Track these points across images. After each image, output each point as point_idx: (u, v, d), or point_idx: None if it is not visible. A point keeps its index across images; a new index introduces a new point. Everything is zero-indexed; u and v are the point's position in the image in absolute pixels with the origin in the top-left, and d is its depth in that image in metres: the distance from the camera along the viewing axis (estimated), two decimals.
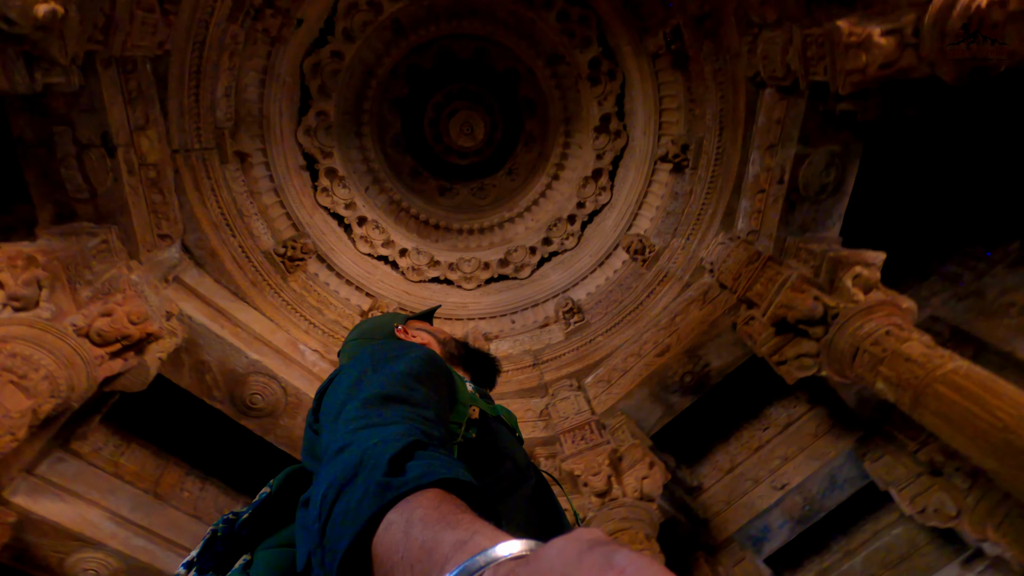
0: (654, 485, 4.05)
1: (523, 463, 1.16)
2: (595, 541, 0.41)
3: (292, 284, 4.54)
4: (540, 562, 0.41)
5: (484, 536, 0.52)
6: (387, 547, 0.59)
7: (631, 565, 0.36)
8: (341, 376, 1.07)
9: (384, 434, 0.78)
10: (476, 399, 1.20)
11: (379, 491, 0.65)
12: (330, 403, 1.01)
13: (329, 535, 0.66)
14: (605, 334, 5.00)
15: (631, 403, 4.63)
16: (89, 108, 3.19)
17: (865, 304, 3.61)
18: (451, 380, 1.17)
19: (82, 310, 2.97)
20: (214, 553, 0.93)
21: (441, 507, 0.62)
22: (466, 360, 1.51)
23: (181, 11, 3.47)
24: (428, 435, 0.86)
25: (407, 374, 1.03)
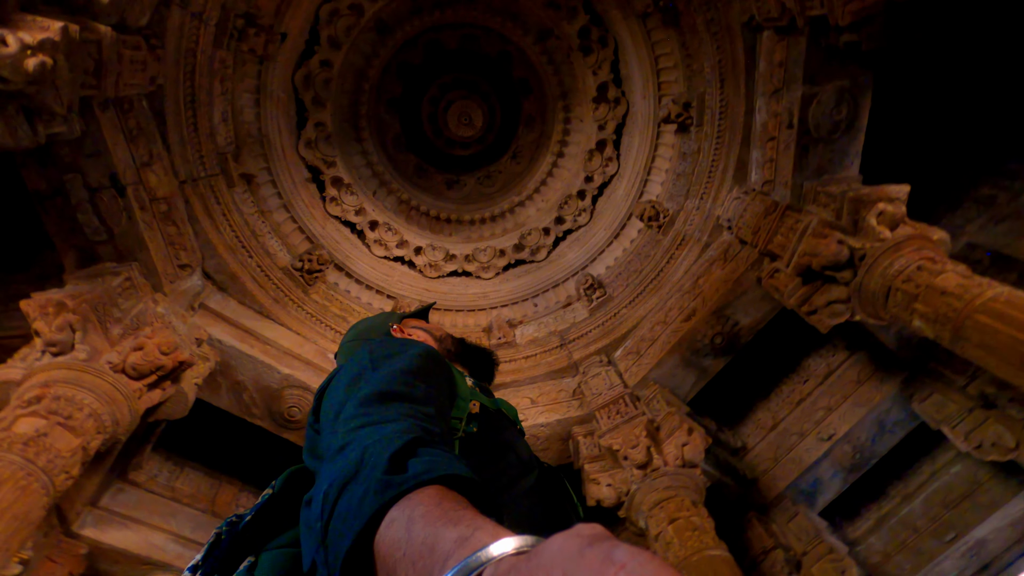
0: (695, 451, 4.01)
1: (526, 455, 1.16)
2: (596, 537, 0.41)
3: (314, 296, 4.62)
4: (541, 557, 0.41)
5: (485, 532, 0.53)
6: (389, 545, 0.60)
7: (631, 561, 0.36)
8: (340, 375, 1.08)
9: (384, 432, 0.79)
10: (476, 394, 1.20)
11: (380, 489, 0.65)
12: (330, 402, 1.02)
13: (331, 534, 0.67)
14: (629, 306, 4.95)
15: (663, 372, 4.58)
16: (94, 152, 3.28)
17: (893, 241, 3.46)
18: (450, 375, 1.17)
19: (115, 347, 3.09)
20: (219, 556, 0.94)
21: (442, 504, 0.62)
22: (463, 356, 1.52)
23: (167, 44, 3.52)
24: (428, 432, 0.86)
25: (406, 371, 1.03)
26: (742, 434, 5.12)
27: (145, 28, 3.38)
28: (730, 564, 3.34)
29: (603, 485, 4.14)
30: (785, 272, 4.00)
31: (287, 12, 4.21)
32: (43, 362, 2.84)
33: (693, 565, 3.32)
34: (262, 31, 4.05)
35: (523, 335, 5.20)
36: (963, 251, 4.37)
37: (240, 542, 0.95)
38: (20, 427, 2.51)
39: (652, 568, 0.35)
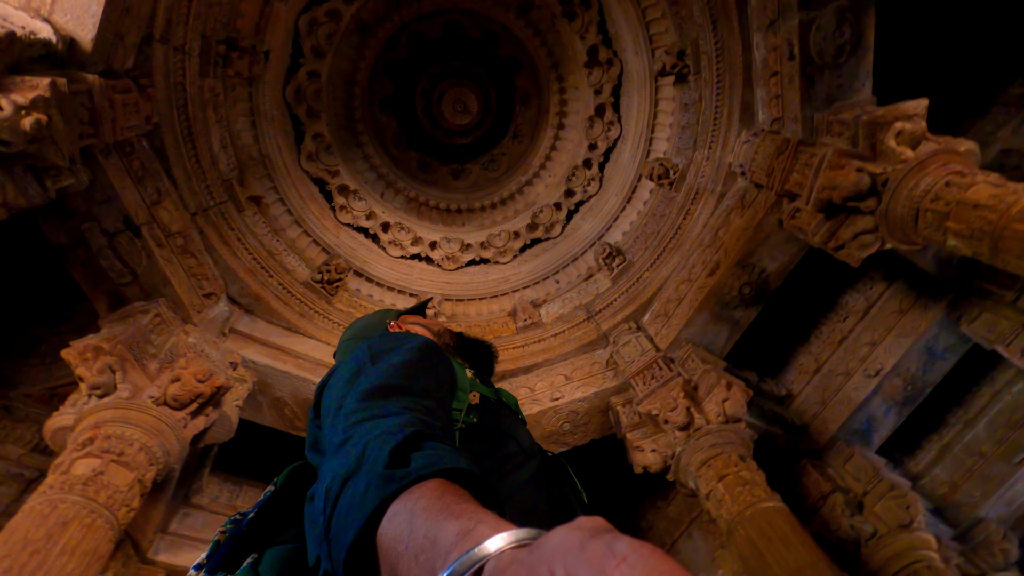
0: (736, 405, 3.94)
1: (528, 444, 1.16)
2: (597, 529, 0.41)
3: (338, 305, 4.70)
4: (542, 550, 0.41)
5: (487, 525, 0.53)
6: (391, 538, 0.60)
7: (633, 553, 0.36)
8: (339, 370, 1.09)
9: (385, 426, 0.79)
10: (476, 384, 1.20)
11: (382, 483, 0.66)
12: (330, 398, 1.03)
13: (334, 528, 0.68)
14: (651, 268, 4.86)
15: (694, 330, 4.50)
16: (105, 199, 3.39)
17: (915, 160, 3.28)
18: (450, 367, 1.18)
19: (155, 382, 3.21)
20: (223, 553, 0.96)
21: (444, 497, 0.62)
22: (462, 349, 1.52)
23: (156, 82, 3.58)
24: (429, 425, 0.86)
25: (406, 364, 1.04)
26: (785, 382, 5.00)
27: (132, 70, 3.44)
28: (785, 514, 3.29)
29: (648, 451, 4.12)
30: (806, 210, 3.85)
31: (267, 29, 4.22)
32: (90, 405, 2.99)
33: (747, 520, 3.28)
34: (245, 53, 4.08)
35: (549, 313, 5.18)
36: (997, 159, 4.12)
37: (243, 539, 0.96)
38: (78, 469, 2.65)
39: (654, 560, 0.35)
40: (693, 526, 5.15)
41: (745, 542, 3.23)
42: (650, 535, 5.46)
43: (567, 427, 4.66)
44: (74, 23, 3.02)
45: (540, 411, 4.62)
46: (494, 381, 4.16)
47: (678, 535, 5.20)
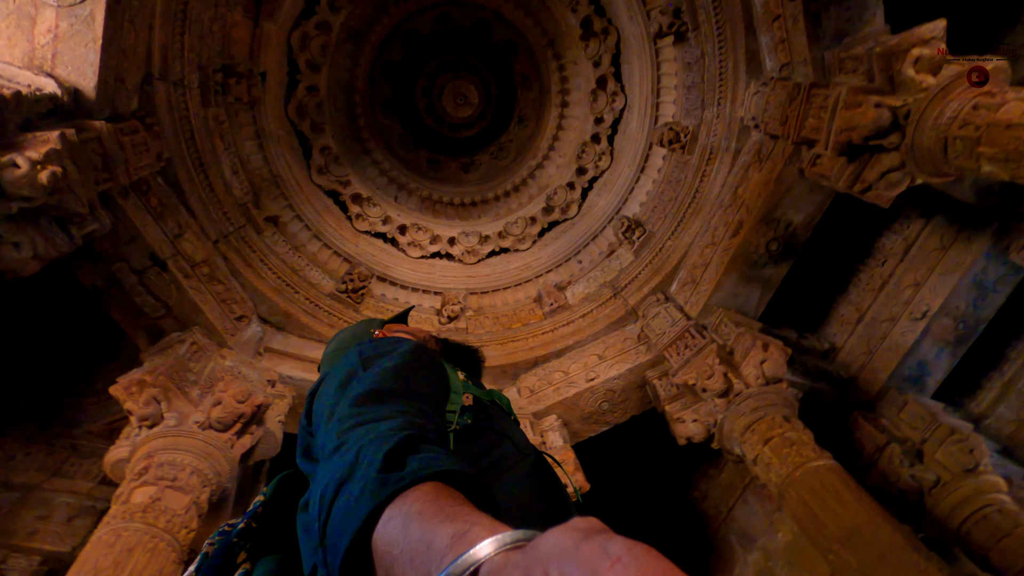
0: (775, 365, 3.82)
1: (522, 444, 1.15)
2: (591, 530, 0.42)
3: (365, 312, 4.78)
4: (537, 552, 0.41)
5: (482, 527, 0.53)
6: (387, 542, 0.61)
7: (627, 553, 0.36)
8: (330, 377, 1.10)
9: (379, 430, 0.80)
10: (468, 386, 1.20)
11: (377, 487, 0.66)
12: (322, 404, 1.03)
13: (330, 533, 0.68)
14: (672, 237, 4.75)
15: (724, 294, 4.38)
16: (129, 238, 3.52)
17: (938, 87, 3.08)
18: (442, 370, 1.18)
19: (198, 407, 3.35)
20: (213, 565, 0.96)
21: (439, 500, 0.63)
22: (448, 354, 1.52)
23: (161, 119, 3.68)
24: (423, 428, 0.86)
25: (398, 368, 1.04)
26: (827, 335, 4.83)
27: (137, 111, 3.55)
28: (837, 471, 3.19)
29: (689, 422, 4.05)
30: (827, 155, 3.67)
31: (260, 51, 4.28)
32: (142, 436, 3.14)
33: (797, 481, 3.19)
34: (242, 78, 4.15)
35: (574, 295, 5.14)
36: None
37: (233, 550, 0.96)
38: (136, 497, 2.80)
39: (647, 560, 0.36)
40: (747, 491, 5.06)
41: (797, 504, 3.15)
42: (704, 505, 5.40)
43: (605, 406, 4.63)
44: (76, 74, 3.12)
45: (577, 393, 4.60)
46: (522, 369, 4.08)
47: (733, 502, 5.13)
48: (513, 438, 1.14)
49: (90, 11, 3.03)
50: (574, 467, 4.16)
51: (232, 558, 0.95)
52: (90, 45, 3.08)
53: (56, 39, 3.04)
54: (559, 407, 4.61)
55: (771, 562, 4.55)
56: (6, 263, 2.80)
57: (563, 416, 4.61)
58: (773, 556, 4.56)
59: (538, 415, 4.58)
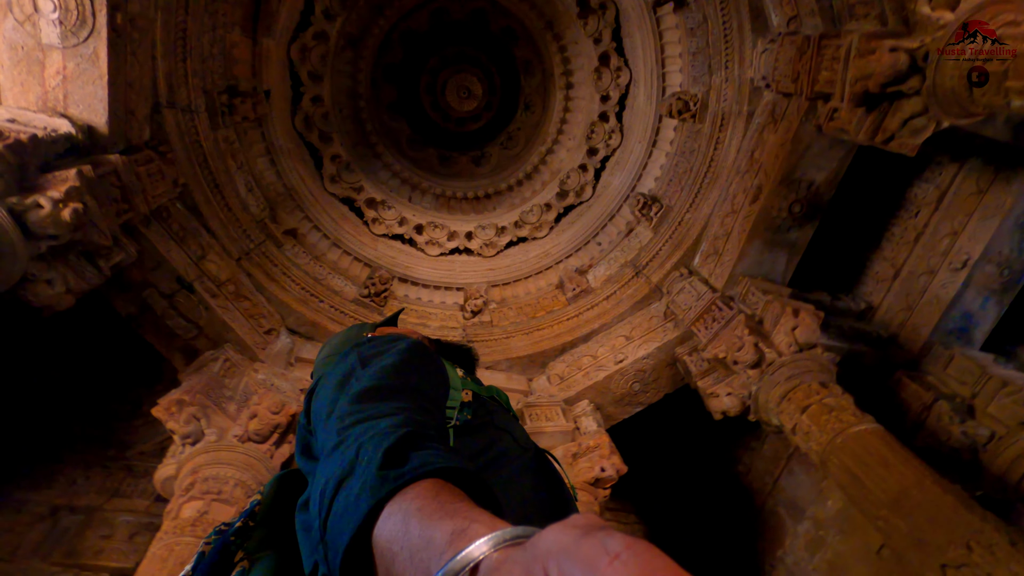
0: (807, 331, 3.71)
1: (522, 438, 1.15)
2: (591, 527, 0.42)
3: (388, 313, 4.83)
4: (536, 549, 0.42)
5: (482, 524, 0.53)
6: (387, 539, 0.61)
7: (626, 550, 0.36)
8: (329, 376, 1.10)
9: (379, 427, 0.80)
10: (467, 382, 1.20)
11: (377, 484, 0.66)
12: (321, 403, 1.04)
13: (330, 530, 0.69)
14: (690, 209, 4.63)
15: (749, 263, 4.26)
16: (155, 265, 3.64)
17: (956, 20, 2.90)
18: (441, 366, 1.17)
19: (236, 421, 3.45)
20: (209, 563, 0.96)
21: (439, 497, 0.63)
22: (442, 353, 1.51)
23: (174, 146, 3.78)
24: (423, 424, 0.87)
25: (397, 365, 1.05)
26: (862, 295, 4.65)
27: (150, 140, 3.65)
28: (880, 435, 3.08)
29: (723, 396, 3.98)
30: (844, 108, 3.51)
31: (262, 68, 4.34)
32: (186, 453, 3.26)
33: (839, 447, 3.09)
34: (247, 96, 4.22)
35: (596, 278, 5.08)
36: None
37: (230, 549, 0.97)
38: (185, 512, 2.92)
39: (647, 557, 0.36)
40: (792, 461, 4.94)
41: (841, 471, 3.06)
42: (749, 478, 5.31)
43: (637, 387, 4.58)
44: (88, 111, 3.23)
45: (607, 376, 4.56)
46: (550, 356, 4.03)
47: (778, 473, 5.02)
48: (513, 433, 1.14)
49: (93, 49, 3.11)
50: (610, 450, 4.14)
51: (229, 557, 0.96)
52: (97, 82, 3.18)
53: (65, 80, 3.14)
54: (590, 392, 4.58)
55: (822, 531, 4.45)
56: (42, 300, 2.93)
57: (595, 400, 4.58)
58: (824, 525, 4.46)
59: (569, 401, 4.56)
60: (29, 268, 2.82)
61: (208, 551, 0.96)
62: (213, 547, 0.96)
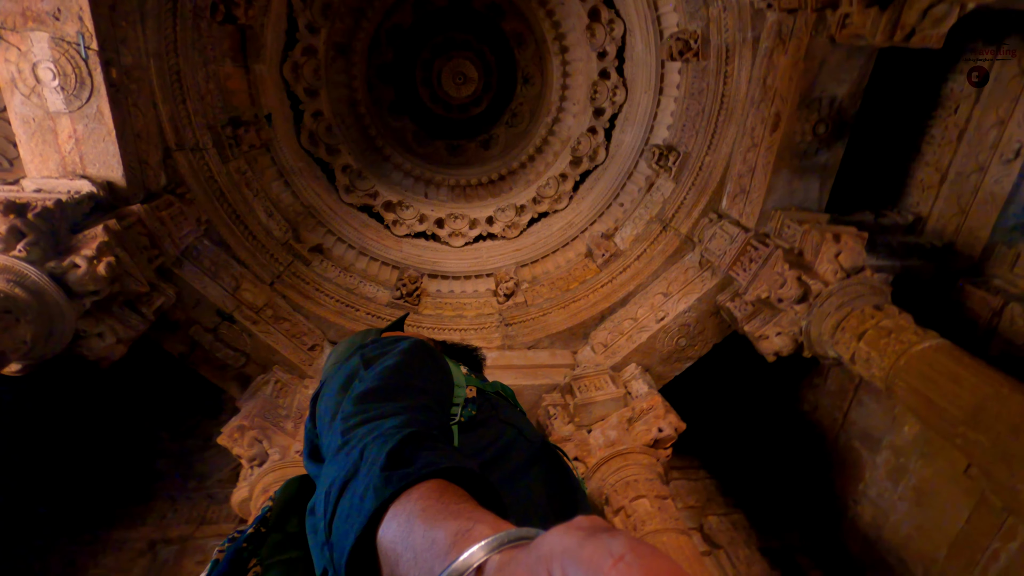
0: (852, 254, 3.51)
1: (528, 431, 1.14)
2: (595, 528, 0.42)
3: (424, 311, 4.89)
4: (540, 550, 0.42)
5: (485, 525, 0.54)
6: (392, 540, 0.61)
7: (630, 552, 0.37)
8: (333, 379, 1.12)
9: (383, 428, 0.80)
10: (471, 379, 1.20)
11: (381, 485, 0.67)
12: (325, 406, 1.05)
13: (335, 532, 0.70)
14: (709, 152, 4.45)
15: (779, 195, 4.06)
16: (195, 302, 3.79)
17: None
18: (443, 364, 1.17)
19: (296, 438, 3.58)
20: (221, 572, 0.96)
21: (443, 497, 0.63)
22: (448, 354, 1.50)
23: (191, 186, 3.90)
24: (427, 424, 0.87)
25: (399, 365, 1.05)
26: (908, 207, 4.37)
27: (167, 185, 3.78)
28: (945, 349, 2.89)
29: (773, 337, 3.83)
30: (855, 11, 3.27)
31: (259, 94, 4.40)
32: (255, 475, 3.41)
33: (902, 370, 2.93)
34: (250, 125, 4.30)
35: (624, 239, 4.97)
36: None
37: (241, 556, 0.97)
38: None
39: (650, 558, 0.36)
40: (860, 392, 4.74)
41: (908, 393, 2.90)
42: (816, 416, 5.13)
43: (683, 342, 4.48)
44: (105, 169, 3.36)
45: (650, 336, 4.48)
46: (590, 326, 3.95)
47: (847, 406, 4.83)
48: (519, 427, 1.13)
49: (97, 107, 3.23)
50: (665, 410, 4.07)
51: (241, 564, 0.96)
52: (107, 138, 3.30)
53: (78, 142, 3.28)
54: (636, 354, 4.51)
55: (902, 458, 4.26)
56: (96, 353, 3.09)
57: (642, 362, 4.51)
58: (903, 452, 4.27)
59: (616, 367, 4.51)
60: (79, 326, 2.99)
61: (221, 559, 0.97)
62: (226, 555, 0.97)
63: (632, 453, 3.90)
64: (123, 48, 3.34)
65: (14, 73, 3.09)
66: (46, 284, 2.76)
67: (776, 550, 4.67)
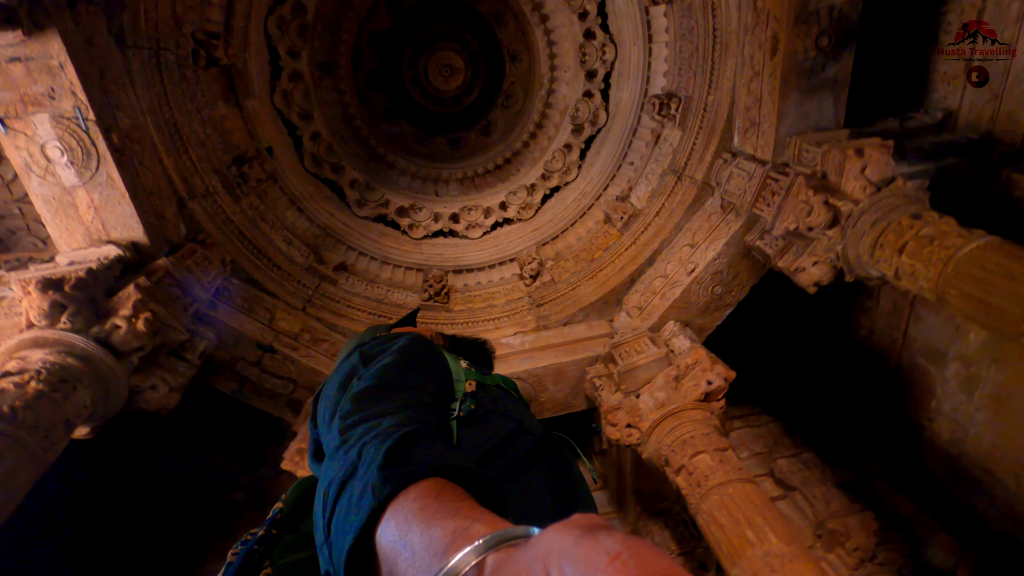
0: (880, 165, 3.31)
1: (530, 423, 1.12)
2: (592, 526, 0.42)
3: (455, 307, 4.93)
4: (536, 548, 0.42)
5: (483, 523, 0.54)
6: (390, 539, 0.62)
7: (627, 550, 0.37)
8: (332, 378, 1.13)
9: (381, 426, 0.81)
10: (471, 373, 1.19)
11: (379, 484, 0.68)
12: (325, 405, 1.06)
13: (334, 531, 0.71)
14: (711, 91, 4.28)
15: (792, 120, 3.87)
16: (235, 340, 3.93)
17: None
18: (441, 359, 1.17)
19: None
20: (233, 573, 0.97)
21: (441, 496, 0.64)
22: (456, 349, 1.50)
23: (209, 231, 4.03)
24: (425, 422, 0.87)
25: (396, 363, 1.06)
26: (935, 104, 4.09)
27: (188, 234, 3.92)
28: (995, 245, 2.70)
29: (809, 268, 3.68)
30: None
31: (256, 129, 4.49)
32: None
33: (952, 276, 2.76)
34: (253, 160, 4.40)
35: (640, 198, 4.85)
36: None
37: (253, 558, 0.98)
38: None
39: (647, 557, 0.36)
40: (916, 307, 4.52)
41: (962, 300, 2.73)
42: (874, 340, 4.92)
43: (719, 290, 4.36)
44: (126, 230, 3.50)
45: (684, 290, 4.38)
46: (622, 292, 3.87)
47: (905, 325, 4.61)
48: (519, 419, 1.11)
49: (106, 174, 3.36)
50: (711, 362, 3.99)
51: (254, 565, 0.98)
52: (122, 201, 3.43)
53: (97, 210, 3.43)
54: (672, 311, 4.42)
55: (972, 368, 4.05)
56: (153, 404, 3.26)
57: (680, 318, 4.42)
58: (972, 361, 4.05)
59: (654, 328, 4.44)
60: (132, 382, 3.15)
61: (234, 561, 0.98)
62: (238, 557, 0.98)
63: (684, 411, 3.84)
64: (119, 112, 3.45)
65: (26, 158, 3.25)
66: (94, 349, 2.92)
67: (854, 482, 4.54)
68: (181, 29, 3.81)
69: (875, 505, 4.47)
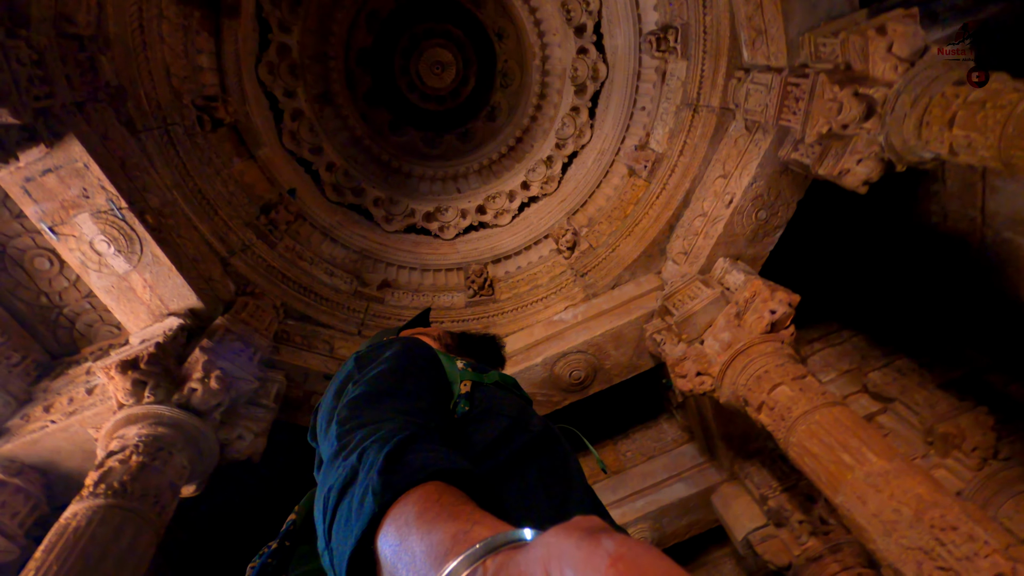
0: (907, 36, 2.98)
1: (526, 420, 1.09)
2: (592, 528, 0.42)
3: (501, 297, 4.94)
4: (538, 549, 0.43)
5: (484, 526, 0.55)
6: (391, 544, 0.63)
7: (628, 551, 0.37)
8: (330, 388, 1.14)
9: (379, 432, 0.81)
10: (467, 373, 1.17)
11: (379, 490, 0.68)
12: (323, 415, 1.07)
13: (335, 538, 0.71)
14: (707, 10, 4.00)
15: (800, 18, 3.55)
16: (303, 377, 4.13)
17: None
18: (435, 362, 1.16)
19: None
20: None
21: (441, 500, 0.64)
22: (465, 347, 1.48)
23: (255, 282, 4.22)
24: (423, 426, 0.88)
25: (391, 369, 1.06)
26: None
27: (237, 289, 4.13)
28: None
29: (855, 168, 3.40)
30: None
31: (275, 174, 4.64)
32: None
33: (1012, 138, 2.48)
34: (279, 205, 4.57)
35: (659, 141, 4.66)
36: None
37: (267, 571, 0.98)
38: None
39: (648, 558, 0.36)
40: (989, 178, 4.11)
41: None
42: (948, 224, 4.52)
43: (763, 215, 4.14)
44: (182, 300, 3.74)
45: (726, 224, 4.18)
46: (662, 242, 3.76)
47: (980, 200, 4.20)
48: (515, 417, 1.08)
49: (151, 253, 3.59)
50: (770, 291, 3.80)
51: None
52: (171, 274, 3.66)
53: (152, 288, 3.67)
54: (719, 248, 4.24)
55: None
56: (244, 452, 3.49)
57: (728, 254, 4.23)
58: None
59: (704, 270, 4.27)
60: (220, 436, 3.38)
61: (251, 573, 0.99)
62: (256, 569, 0.99)
63: (752, 346, 3.69)
64: (147, 193, 3.67)
65: (80, 257, 3.52)
66: (178, 415, 3.15)
67: (958, 380, 4.21)
68: (182, 100, 3.99)
69: (987, 399, 4.13)
